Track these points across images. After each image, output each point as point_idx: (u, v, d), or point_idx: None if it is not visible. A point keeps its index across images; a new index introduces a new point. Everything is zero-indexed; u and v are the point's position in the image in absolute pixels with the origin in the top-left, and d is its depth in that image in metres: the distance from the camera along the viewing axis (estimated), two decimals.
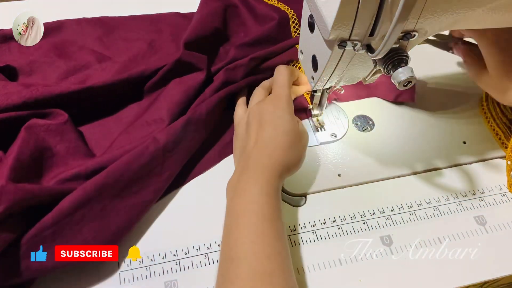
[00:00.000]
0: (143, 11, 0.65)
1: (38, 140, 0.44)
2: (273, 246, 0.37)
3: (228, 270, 0.36)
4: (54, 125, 0.45)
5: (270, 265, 0.35)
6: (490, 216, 0.46)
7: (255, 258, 0.35)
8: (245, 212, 0.38)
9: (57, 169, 0.44)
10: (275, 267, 0.35)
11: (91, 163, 0.43)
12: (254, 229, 0.37)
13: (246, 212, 0.38)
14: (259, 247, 0.36)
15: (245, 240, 0.37)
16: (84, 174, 0.42)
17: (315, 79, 0.42)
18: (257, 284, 0.34)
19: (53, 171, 0.43)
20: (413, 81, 0.35)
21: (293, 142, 0.43)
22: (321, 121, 0.54)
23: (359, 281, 0.41)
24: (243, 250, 0.36)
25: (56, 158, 0.44)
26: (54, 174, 0.43)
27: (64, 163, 0.44)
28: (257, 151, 0.42)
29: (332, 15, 0.32)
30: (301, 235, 0.44)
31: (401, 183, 0.49)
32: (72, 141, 0.46)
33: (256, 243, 0.36)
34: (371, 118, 0.54)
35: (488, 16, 0.36)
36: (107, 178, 0.41)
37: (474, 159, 0.51)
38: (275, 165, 0.41)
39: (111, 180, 0.41)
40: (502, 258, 0.43)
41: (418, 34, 0.35)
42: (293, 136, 0.43)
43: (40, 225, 0.37)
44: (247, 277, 0.34)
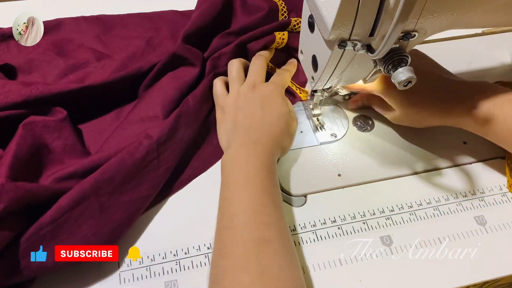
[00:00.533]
0: (141, 9, 0.65)
1: (35, 136, 0.44)
2: (273, 216, 0.39)
3: (228, 238, 0.37)
4: (51, 122, 0.46)
5: (269, 233, 0.37)
6: (490, 216, 0.46)
7: (256, 226, 0.37)
8: (246, 185, 0.40)
9: (54, 167, 0.44)
10: (275, 235, 0.37)
11: (87, 161, 0.43)
12: (255, 200, 0.39)
13: (247, 185, 0.40)
14: (261, 217, 0.38)
15: (246, 209, 0.38)
16: (80, 173, 0.42)
17: (315, 79, 0.43)
18: (260, 248, 0.35)
19: (50, 169, 0.44)
20: (413, 81, 0.35)
21: (287, 125, 0.47)
22: (321, 121, 0.54)
23: (359, 281, 0.41)
24: (243, 219, 0.37)
25: (53, 155, 0.45)
26: (51, 172, 0.43)
27: (61, 160, 0.44)
28: (256, 129, 0.45)
29: (332, 15, 0.32)
30: (301, 235, 0.44)
31: (401, 183, 0.49)
32: (69, 138, 0.46)
33: (257, 212, 0.38)
34: (371, 118, 0.54)
35: (488, 17, 0.36)
36: (103, 175, 0.41)
37: (474, 159, 0.51)
38: (274, 144, 0.44)
39: (107, 177, 0.41)
40: (502, 258, 0.43)
41: (418, 34, 0.35)
42: (288, 119, 0.47)
43: (39, 224, 0.37)
44: (249, 244, 0.36)
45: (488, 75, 0.60)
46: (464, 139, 0.53)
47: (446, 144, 0.52)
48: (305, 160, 0.50)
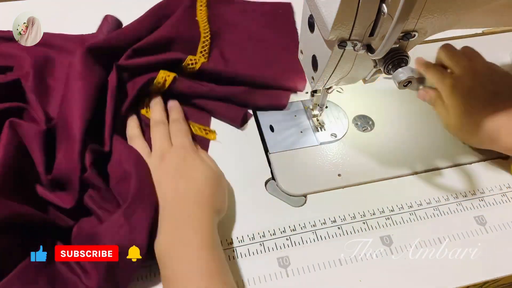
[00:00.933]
0: (141, 8, 0.65)
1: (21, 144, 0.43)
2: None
3: None
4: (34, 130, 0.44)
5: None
6: (490, 216, 0.46)
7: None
8: (189, 274, 0.35)
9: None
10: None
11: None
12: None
13: (190, 274, 0.35)
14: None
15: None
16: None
17: (315, 79, 0.43)
18: None
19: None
20: (413, 81, 0.36)
21: (216, 182, 0.43)
22: (321, 121, 0.54)
23: (359, 281, 0.41)
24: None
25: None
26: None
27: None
28: (182, 204, 0.40)
29: (332, 15, 0.32)
30: (301, 235, 0.44)
31: (401, 183, 0.49)
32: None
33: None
34: (371, 118, 0.54)
35: (488, 17, 0.36)
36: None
37: (474, 159, 0.51)
38: (209, 212, 0.39)
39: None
40: (502, 258, 0.43)
41: (418, 34, 0.35)
42: (214, 176, 0.43)
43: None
44: None
45: None
46: None
47: (446, 144, 0.52)
48: (305, 160, 0.50)
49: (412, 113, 0.55)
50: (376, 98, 0.57)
